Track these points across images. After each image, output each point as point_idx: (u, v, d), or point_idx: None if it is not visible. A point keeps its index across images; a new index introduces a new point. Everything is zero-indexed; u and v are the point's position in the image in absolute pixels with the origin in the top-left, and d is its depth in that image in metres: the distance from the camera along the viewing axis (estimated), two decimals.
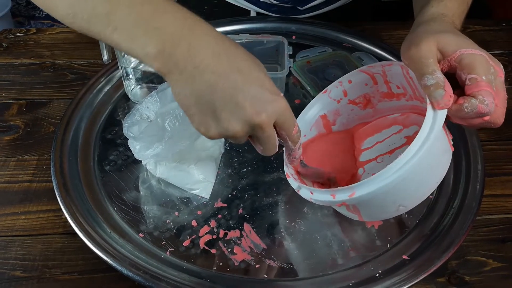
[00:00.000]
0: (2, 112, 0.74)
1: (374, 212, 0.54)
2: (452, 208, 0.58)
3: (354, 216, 0.54)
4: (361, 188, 0.47)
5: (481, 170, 0.62)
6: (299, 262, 0.54)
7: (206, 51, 0.44)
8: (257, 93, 0.44)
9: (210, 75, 0.43)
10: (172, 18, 0.45)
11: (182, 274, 0.52)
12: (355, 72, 0.59)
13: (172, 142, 0.56)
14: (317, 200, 0.51)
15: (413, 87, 0.55)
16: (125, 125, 0.59)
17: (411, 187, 0.50)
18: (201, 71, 0.43)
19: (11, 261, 0.55)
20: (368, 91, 0.59)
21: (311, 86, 0.73)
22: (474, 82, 0.46)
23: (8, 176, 0.64)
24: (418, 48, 0.49)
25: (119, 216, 0.58)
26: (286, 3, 0.85)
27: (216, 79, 0.43)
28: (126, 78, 0.72)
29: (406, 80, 0.55)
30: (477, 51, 0.48)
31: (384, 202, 0.51)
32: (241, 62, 0.45)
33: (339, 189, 0.49)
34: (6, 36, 0.89)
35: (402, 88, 0.57)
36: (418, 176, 0.48)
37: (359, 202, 0.50)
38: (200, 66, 0.43)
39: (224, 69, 0.44)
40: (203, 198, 0.60)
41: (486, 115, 0.47)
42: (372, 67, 0.57)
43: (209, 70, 0.43)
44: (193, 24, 0.45)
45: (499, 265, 0.55)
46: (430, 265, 0.52)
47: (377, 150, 0.60)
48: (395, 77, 0.56)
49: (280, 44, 0.76)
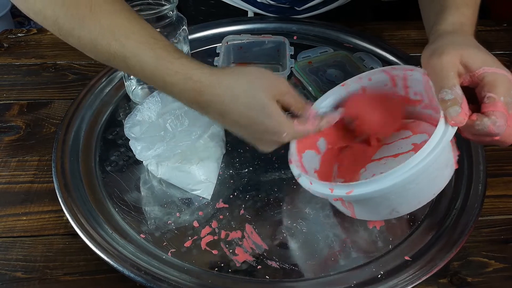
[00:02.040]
0: (3, 113, 0.74)
1: (367, 212, 0.54)
2: (454, 209, 0.58)
3: (348, 212, 0.55)
4: (360, 187, 0.48)
5: (483, 171, 0.62)
6: (301, 263, 0.54)
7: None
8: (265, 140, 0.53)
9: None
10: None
11: (183, 275, 0.52)
12: (376, 70, 0.58)
13: (174, 143, 0.56)
14: (315, 191, 0.51)
15: (430, 96, 0.55)
16: (127, 126, 0.59)
17: (409, 194, 0.50)
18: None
19: (12, 262, 0.55)
20: (386, 92, 0.59)
21: (312, 87, 0.73)
22: (491, 101, 0.46)
23: (9, 176, 0.64)
24: (440, 59, 0.48)
25: (121, 217, 0.58)
26: (283, 4, 0.85)
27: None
28: (127, 79, 0.72)
29: (425, 88, 0.55)
30: (500, 71, 0.47)
31: (379, 205, 0.51)
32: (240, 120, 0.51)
33: (338, 184, 0.50)
34: (7, 36, 0.89)
35: (419, 95, 0.57)
36: (417, 185, 0.49)
37: (355, 200, 0.51)
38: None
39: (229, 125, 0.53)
40: (204, 198, 0.60)
41: (496, 136, 0.47)
42: (395, 69, 0.57)
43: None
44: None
45: (502, 266, 0.55)
46: (432, 266, 0.51)
47: (383, 151, 0.60)
48: (415, 83, 0.56)
49: (282, 45, 0.76)
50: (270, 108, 0.50)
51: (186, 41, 0.71)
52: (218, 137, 0.63)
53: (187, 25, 0.70)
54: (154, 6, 0.66)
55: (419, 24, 0.66)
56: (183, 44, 0.71)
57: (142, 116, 0.61)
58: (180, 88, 0.50)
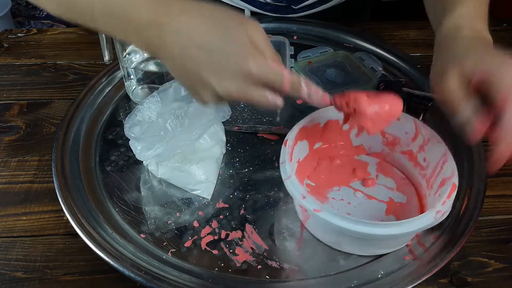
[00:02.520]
0: (3, 113, 0.74)
1: (317, 231, 0.55)
2: (454, 209, 0.58)
3: (300, 216, 0.56)
4: (328, 214, 0.49)
5: (483, 171, 0.62)
6: (301, 263, 0.54)
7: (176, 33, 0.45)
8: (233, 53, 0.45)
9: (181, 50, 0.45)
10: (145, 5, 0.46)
11: (183, 275, 0.52)
12: (407, 115, 0.58)
13: (174, 143, 0.56)
14: (288, 186, 0.52)
15: (435, 173, 0.55)
16: (127, 126, 0.59)
17: (363, 243, 0.52)
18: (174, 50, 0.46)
19: (12, 262, 0.55)
20: (402, 138, 0.59)
21: None
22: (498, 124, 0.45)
23: (9, 176, 0.64)
24: (445, 82, 0.48)
25: (121, 217, 0.58)
26: (280, 2, 0.85)
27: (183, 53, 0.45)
28: (128, 79, 0.72)
29: (437, 163, 0.55)
30: (495, 65, 0.46)
31: (332, 233, 0.53)
32: (204, 36, 0.45)
33: (311, 198, 0.50)
34: (7, 36, 0.89)
35: (427, 166, 0.57)
36: (379, 241, 0.52)
37: (315, 219, 0.53)
38: (169, 46, 0.46)
39: (187, 44, 0.45)
40: (204, 198, 0.60)
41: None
42: (424, 127, 0.57)
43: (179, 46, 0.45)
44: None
45: (502, 266, 0.55)
46: (433, 266, 0.51)
47: (364, 184, 0.61)
48: (432, 153, 0.56)
49: (282, 44, 0.76)
50: (238, 32, 0.45)
51: None
52: (218, 137, 0.63)
53: None
54: None
55: (419, 24, 0.66)
56: None
57: (142, 116, 0.61)
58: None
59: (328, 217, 0.48)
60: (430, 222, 0.48)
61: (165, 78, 0.71)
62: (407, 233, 0.48)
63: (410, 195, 0.58)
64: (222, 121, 0.63)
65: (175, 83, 0.63)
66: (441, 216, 0.48)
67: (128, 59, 0.70)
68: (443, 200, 0.49)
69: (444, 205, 0.49)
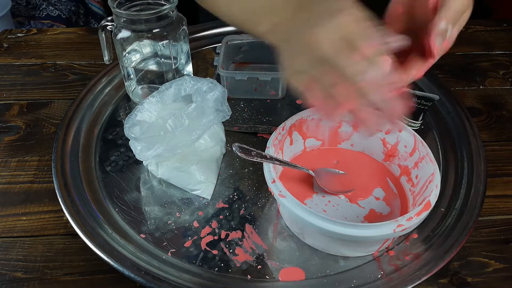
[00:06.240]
0: (3, 113, 0.74)
1: (285, 218, 0.57)
2: (454, 209, 0.58)
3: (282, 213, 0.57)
4: (290, 201, 0.49)
5: (483, 171, 0.62)
6: (301, 263, 0.54)
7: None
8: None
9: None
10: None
11: (183, 275, 0.52)
12: (409, 129, 0.58)
13: (174, 143, 0.56)
14: (265, 169, 0.53)
15: (421, 191, 0.55)
16: (126, 126, 0.59)
17: (328, 239, 0.52)
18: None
19: (12, 262, 0.55)
20: (401, 151, 0.59)
21: None
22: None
23: (9, 177, 0.64)
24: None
25: (121, 217, 0.58)
26: None
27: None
28: (127, 79, 0.72)
29: (425, 181, 0.54)
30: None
31: (303, 227, 0.53)
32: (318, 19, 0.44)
33: (281, 185, 0.50)
34: (7, 36, 0.89)
35: (417, 183, 0.56)
36: (338, 240, 0.51)
37: (282, 206, 0.52)
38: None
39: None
40: (204, 198, 0.60)
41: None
42: (422, 143, 0.56)
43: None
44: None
45: (502, 266, 0.55)
46: (433, 266, 0.51)
47: (353, 191, 0.60)
48: (424, 171, 0.55)
49: None
50: None
51: (186, 41, 0.71)
52: (218, 137, 0.63)
53: (187, 25, 0.70)
54: (154, 6, 0.66)
55: None
56: (183, 44, 0.71)
57: (142, 116, 0.61)
58: None
59: (289, 204, 0.49)
60: (388, 233, 0.47)
61: (165, 78, 0.71)
62: (363, 237, 0.47)
63: (395, 208, 0.58)
64: (222, 121, 0.63)
65: (175, 83, 0.63)
66: (401, 231, 0.47)
67: (128, 59, 0.70)
68: (411, 216, 0.48)
69: (409, 221, 0.47)
